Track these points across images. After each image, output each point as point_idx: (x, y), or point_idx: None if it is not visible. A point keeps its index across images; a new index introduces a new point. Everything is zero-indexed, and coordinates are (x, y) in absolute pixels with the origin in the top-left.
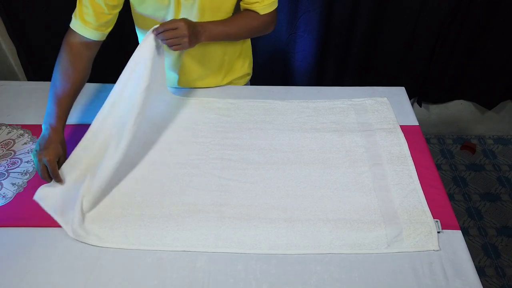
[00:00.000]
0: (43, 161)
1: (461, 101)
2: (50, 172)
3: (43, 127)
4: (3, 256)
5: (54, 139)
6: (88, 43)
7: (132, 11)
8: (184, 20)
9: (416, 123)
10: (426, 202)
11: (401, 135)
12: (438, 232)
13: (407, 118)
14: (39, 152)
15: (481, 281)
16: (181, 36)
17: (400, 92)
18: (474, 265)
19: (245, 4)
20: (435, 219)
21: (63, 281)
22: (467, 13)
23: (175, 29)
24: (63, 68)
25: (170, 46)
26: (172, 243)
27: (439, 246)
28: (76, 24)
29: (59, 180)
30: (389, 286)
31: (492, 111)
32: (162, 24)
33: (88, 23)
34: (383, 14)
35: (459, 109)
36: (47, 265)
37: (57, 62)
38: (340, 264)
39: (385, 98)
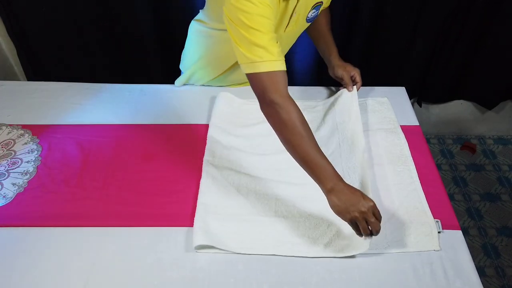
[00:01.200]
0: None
1: (461, 101)
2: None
3: (329, 186)
4: (3, 256)
5: (356, 191)
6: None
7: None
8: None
9: (417, 123)
10: (426, 202)
11: (402, 135)
12: (439, 232)
13: (407, 118)
14: (358, 212)
15: (481, 281)
16: None
17: (400, 92)
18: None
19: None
20: (436, 219)
21: (63, 281)
22: (468, 13)
23: None
24: (300, 121)
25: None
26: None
27: (439, 246)
28: (277, 64)
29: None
30: (389, 286)
31: (492, 111)
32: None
33: (281, 56)
34: (383, 14)
35: (459, 109)
36: (47, 265)
37: (287, 120)
38: (341, 264)
39: (386, 98)
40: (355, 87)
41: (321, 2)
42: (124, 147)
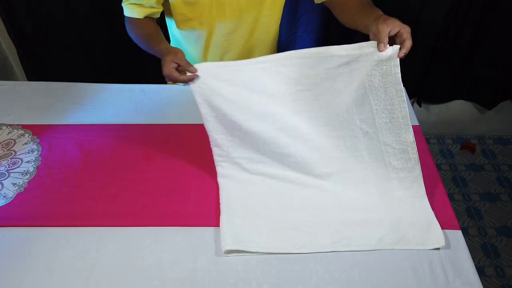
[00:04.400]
0: (172, 59)
1: (461, 101)
2: (181, 65)
3: (160, 55)
4: (3, 256)
5: (173, 48)
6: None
7: (172, 13)
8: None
9: (416, 123)
10: (429, 204)
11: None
12: None
13: None
14: (163, 59)
15: (480, 281)
16: None
17: None
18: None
19: None
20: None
21: (63, 281)
22: (467, 13)
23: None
24: (142, 29)
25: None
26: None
27: (444, 242)
28: (134, 14)
29: (192, 69)
30: (389, 286)
31: (492, 111)
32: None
33: (145, 12)
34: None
35: (459, 109)
36: (47, 265)
37: (131, 31)
38: (340, 263)
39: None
40: (391, 47)
41: None
42: (124, 147)
